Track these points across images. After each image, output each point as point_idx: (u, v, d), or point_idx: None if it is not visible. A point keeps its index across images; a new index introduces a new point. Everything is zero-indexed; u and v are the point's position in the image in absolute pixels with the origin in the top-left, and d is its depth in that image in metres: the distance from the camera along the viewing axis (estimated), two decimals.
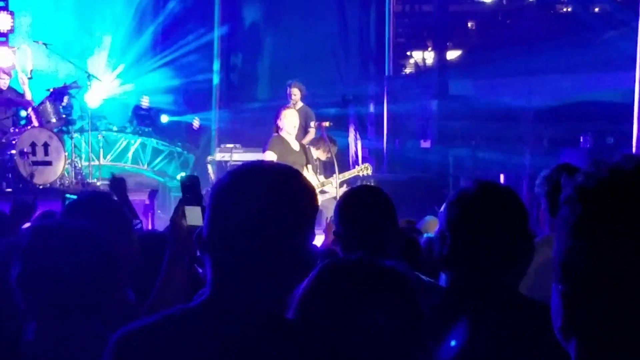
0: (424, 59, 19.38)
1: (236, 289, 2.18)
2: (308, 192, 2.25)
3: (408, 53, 19.33)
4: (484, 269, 2.92)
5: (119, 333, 2.20)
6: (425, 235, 6.47)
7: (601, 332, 1.50)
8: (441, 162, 16.96)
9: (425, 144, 17.61)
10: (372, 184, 4.01)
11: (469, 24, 19.48)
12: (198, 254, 2.28)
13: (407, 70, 19.60)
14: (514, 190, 3.08)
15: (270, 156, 11.69)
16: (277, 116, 12.31)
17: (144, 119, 18.78)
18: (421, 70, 19.20)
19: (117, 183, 7.22)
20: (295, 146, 12.10)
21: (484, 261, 2.91)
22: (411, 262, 4.61)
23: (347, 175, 12.35)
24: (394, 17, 18.35)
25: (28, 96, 14.09)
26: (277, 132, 12.17)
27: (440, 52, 18.61)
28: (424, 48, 19.25)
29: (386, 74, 18.28)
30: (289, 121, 12.13)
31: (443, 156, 16.93)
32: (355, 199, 3.92)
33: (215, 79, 19.28)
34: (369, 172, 12.57)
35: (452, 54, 19.10)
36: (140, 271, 3.82)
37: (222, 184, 2.22)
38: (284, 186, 2.20)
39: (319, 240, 6.18)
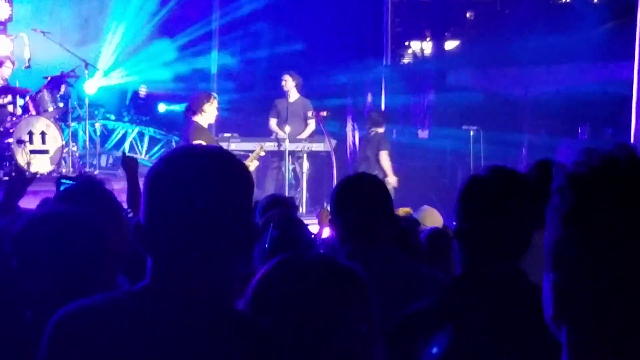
0: (422, 49, 19.34)
1: (175, 274, 2.17)
2: (241, 171, 2.25)
3: (406, 43, 19.28)
4: (498, 255, 2.92)
5: (59, 313, 2.21)
6: (422, 224, 6.49)
7: (592, 321, 1.50)
8: (439, 152, 16.97)
9: (423, 134, 17.60)
10: (369, 173, 3.98)
11: (468, 14, 19.43)
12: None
13: (405, 60, 19.56)
14: (524, 175, 3.08)
15: None
16: (200, 100, 11.90)
17: (141, 107, 18.78)
18: (419, 60, 19.17)
19: (128, 161, 7.18)
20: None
21: (497, 246, 2.92)
22: (406, 251, 4.62)
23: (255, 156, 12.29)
24: (392, 7, 18.32)
25: None
26: (194, 115, 11.77)
27: (438, 41, 18.59)
28: (422, 38, 19.21)
29: (384, 63, 18.26)
30: (212, 113, 11.90)
31: (440, 146, 16.92)
32: (351, 187, 3.90)
33: (213, 68, 19.25)
34: (264, 152, 12.54)
35: (451, 44, 19.07)
36: (136, 258, 3.83)
37: (155, 170, 2.21)
38: (216, 166, 2.20)
39: (313, 229, 6.17)
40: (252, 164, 11.90)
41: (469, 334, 2.83)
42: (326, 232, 6.71)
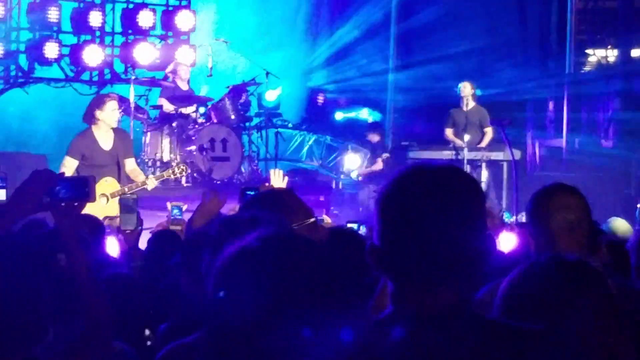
0: (606, 57, 18.84)
1: (423, 296, 2.13)
2: (473, 184, 2.21)
3: (589, 50, 18.82)
4: None
5: None
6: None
7: None
8: (624, 162, 16.43)
9: (607, 144, 17.13)
10: (566, 183, 3.84)
11: None
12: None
13: (588, 68, 19.10)
14: None
15: (69, 162, 10.35)
16: (97, 104, 10.59)
17: (318, 115, 18.95)
18: (603, 67, 18.66)
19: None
20: (107, 144, 10.60)
21: None
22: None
23: (161, 176, 11.03)
24: (575, 14, 17.93)
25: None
26: (92, 123, 10.52)
27: (624, 49, 18.04)
28: (606, 45, 18.70)
29: (567, 71, 17.89)
30: (112, 115, 10.56)
31: (626, 156, 16.40)
32: (551, 197, 3.79)
33: (391, 77, 19.27)
34: (184, 174, 11.40)
35: (637, 52, 18.49)
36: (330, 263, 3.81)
37: (389, 191, 2.19)
38: (449, 183, 2.17)
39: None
40: (150, 183, 10.43)
41: None
42: (506, 241, 6.49)
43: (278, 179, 5.72)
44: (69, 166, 10.28)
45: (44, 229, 4.75)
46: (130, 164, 10.72)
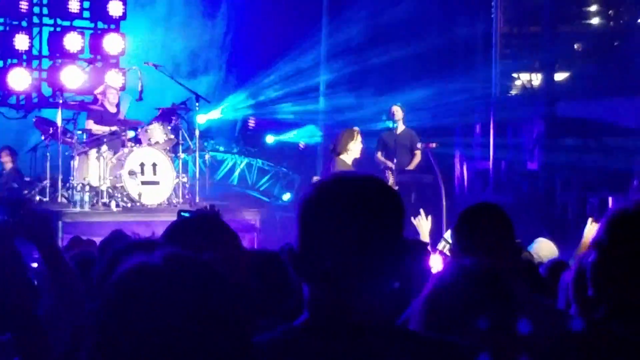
0: (530, 80, 19.15)
1: (337, 301, 2.15)
2: (392, 194, 2.24)
3: (514, 74, 19.13)
4: None
5: None
6: (537, 256, 6.37)
7: None
8: (548, 183, 16.71)
9: (532, 166, 17.38)
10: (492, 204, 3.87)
11: (575, 46, 19.19)
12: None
13: (513, 92, 19.41)
14: None
15: None
16: (344, 139, 12.01)
17: (250, 139, 18.97)
18: (528, 91, 18.97)
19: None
20: None
21: None
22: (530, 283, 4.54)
23: None
24: (501, 39, 18.22)
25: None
26: (340, 154, 11.87)
27: (547, 73, 18.36)
28: (531, 69, 19.02)
29: (493, 94, 18.14)
30: (357, 149, 11.93)
31: (550, 178, 16.67)
32: (475, 216, 3.87)
33: (322, 102, 19.35)
34: None
35: (560, 76, 18.83)
36: (249, 288, 3.83)
37: (308, 197, 2.20)
38: (368, 191, 2.19)
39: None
40: None
41: None
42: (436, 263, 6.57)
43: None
44: None
45: None
46: None
